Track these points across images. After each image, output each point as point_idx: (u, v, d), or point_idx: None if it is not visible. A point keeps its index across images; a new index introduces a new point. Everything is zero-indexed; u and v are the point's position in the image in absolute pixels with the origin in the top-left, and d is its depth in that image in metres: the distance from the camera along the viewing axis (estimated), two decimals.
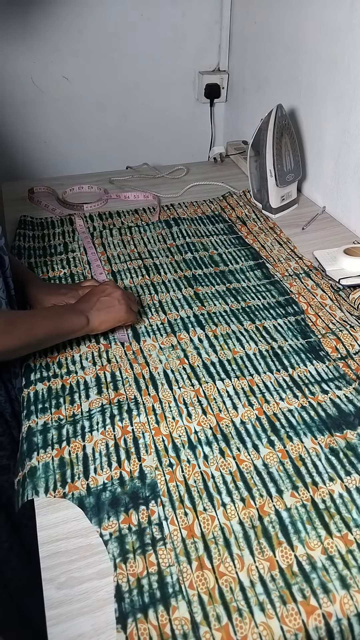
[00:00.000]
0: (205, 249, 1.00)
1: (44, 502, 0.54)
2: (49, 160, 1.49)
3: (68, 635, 0.43)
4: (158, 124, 1.57)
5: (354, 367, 0.71)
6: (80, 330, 0.70)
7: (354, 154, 1.00)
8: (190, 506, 0.53)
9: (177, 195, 1.22)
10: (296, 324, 0.80)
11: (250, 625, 0.44)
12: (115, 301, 0.73)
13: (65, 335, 0.69)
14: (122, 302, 0.73)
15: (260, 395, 0.66)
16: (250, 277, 0.91)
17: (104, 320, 0.72)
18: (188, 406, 0.65)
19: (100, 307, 0.71)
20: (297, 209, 1.16)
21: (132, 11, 1.36)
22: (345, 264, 0.90)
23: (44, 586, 0.47)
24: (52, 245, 1.00)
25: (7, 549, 0.74)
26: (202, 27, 1.45)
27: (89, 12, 1.32)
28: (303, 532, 0.51)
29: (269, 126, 1.02)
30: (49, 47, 1.33)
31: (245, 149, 1.37)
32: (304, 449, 0.59)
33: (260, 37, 1.30)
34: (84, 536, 0.51)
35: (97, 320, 0.71)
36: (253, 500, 0.54)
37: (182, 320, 0.80)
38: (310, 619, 0.44)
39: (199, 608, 0.45)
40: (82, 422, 0.62)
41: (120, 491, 0.54)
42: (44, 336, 0.65)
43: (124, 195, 1.21)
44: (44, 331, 0.64)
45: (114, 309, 0.72)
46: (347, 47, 0.96)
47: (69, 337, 0.70)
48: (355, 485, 0.55)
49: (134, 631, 0.44)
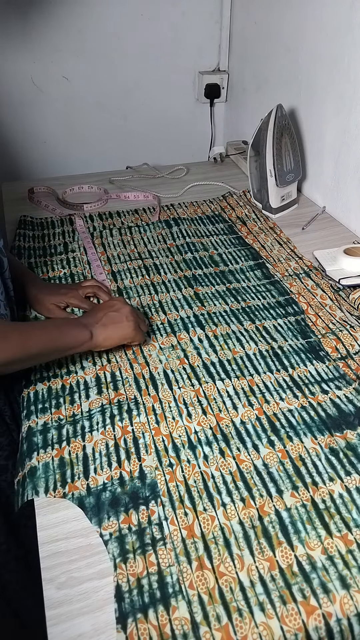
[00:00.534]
0: (205, 249, 1.00)
1: (44, 502, 0.54)
2: (49, 160, 1.49)
3: (68, 635, 0.43)
4: (158, 124, 1.57)
5: (354, 367, 0.71)
6: (82, 346, 0.66)
7: (354, 154, 1.00)
8: (190, 506, 0.53)
9: (177, 195, 1.22)
10: (296, 324, 0.80)
11: (250, 625, 0.44)
12: (123, 317, 0.69)
13: (65, 350, 0.65)
14: (130, 319, 0.69)
15: (260, 395, 0.66)
16: (250, 277, 0.91)
17: (109, 336, 0.68)
18: (188, 406, 0.65)
19: (107, 322, 0.68)
20: (297, 209, 1.16)
21: (132, 11, 1.36)
22: (345, 264, 0.90)
23: (44, 586, 0.47)
24: (52, 245, 1.00)
25: (4, 550, 0.74)
26: (202, 27, 1.45)
27: (89, 12, 1.32)
28: (303, 532, 0.51)
29: (269, 126, 1.02)
30: (49, 47, 1.33)
31: (245, 149, 1.37)
32: (304, 449, 0.59)
33: (260, 37, 1.31)
34: (84, 536, 0.51)
35: (101, 335, 0.67)
36: (253, 500, 0.54)
37: (182, 320, 0.80)
38: (310, 619, 0.44)
39: (199, 608, 0.45)
40: (82, 422, 0.62)
41: (120, 491, 0.54)
42: (40, 350, 0.60)
43: (124, 195, 1.21)
44: (41, 345, 0.60)
45: (121, 325, 0.69)
46: (347, 47, 0.96)
47: (69, 353, 0.66)
48: (355, 485, 0.55)
49: (134, 631, 0.44)
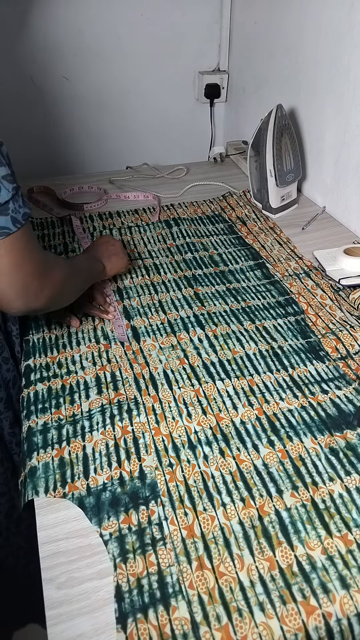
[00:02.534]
0: (205, 249, 1.00)
1: (44, 502, 0.54)
2: (49, 160, 1.49)
3: (68, 635, 0.43)
4: (158, 124, 1.57)
5: (354, 367, 0.71)
6: (99, 276, 0.80)
7: (354, 154, 1.00)
8: (190, 506, 0.53)
9: (177, 195, 1.22)
10: (296, 324, 0.80)
11: (250, 625, 0.44)
12: (119, 250, 0.85)
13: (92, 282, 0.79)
14: (124, 251, 0.86)
15: (260, 395, 0.66)
16: (250, 277, 0.91)
17: (113, 267, 0.83)
18: (188, 406, 0.65)
19: (109, 254, 0.82)
20: (297, 209, 1.16)
21: (132, 11, 1.35)
22: (345, 264, 0.90)
23: (44, 586, 0.47)
24: (52, 245, 1.00)
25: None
26: (202, 27, 1.45)
27: (89, 12, 1.32)
28: (303, 532, 0.51)
29: (269, 126, 1.02)
30: (49, 47, 1.33)
31: (245, 149, 1.37)
32: (304, 449, 0.59)
33: (260, 37, 1.30)
34: (84, 536, 0.51)
35: (109, 266, 0.82)
36: (253, 500, 0.54)
37: (182, 320, 0.80)
38: (310, 619, 0.44)
39: (199, 608, 0.45)
40: (82, 422, 0.62)
41: (120, 491, 0.54)
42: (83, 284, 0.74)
43: (124, 195, 1.21)
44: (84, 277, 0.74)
45: (119, 256, 0.84)
46: (347, 47, 0.96)
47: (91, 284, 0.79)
48: (355, 485, 0.55)
49: (133, 631, 0.44)
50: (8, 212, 0.52)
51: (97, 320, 0.80)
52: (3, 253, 0.53)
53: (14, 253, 0.54)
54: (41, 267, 0.58)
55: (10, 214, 0.52)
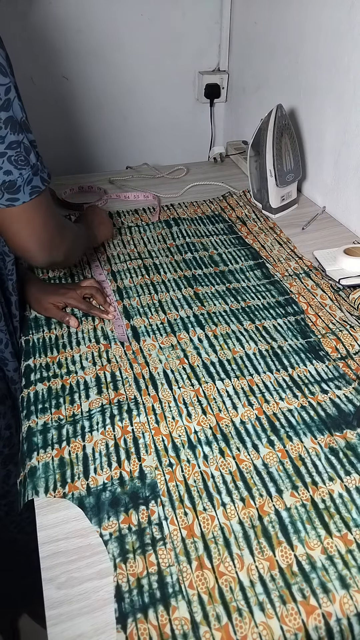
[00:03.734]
0: (205, 249, 1.00)
1: (44, 502, 0.54)
2: (50, 160, 1.48)
3: (68, 635, 0.43)
4: (158, 124, 1.57)
5: (353, 367, 0.71)
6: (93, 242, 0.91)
7: (354, 154, 1.00)
8: (190, 506, 0.53)
9: (177, 195, 1.22)
10: (296, 324, 0.80)
11: (250, 625, 0.44)
12: (105, 219, 0.95)
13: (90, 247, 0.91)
14: (109, 220, 0.96)
15: (260, 395, 0.66)
16: (250, 277, 0.91)
17: (102, 235, 0.93)
18: (188, 406, 0.65)
19: (97, 224, 0.92)
20: (297, 209, 1.16)
21: (132, 11, 1.35)
22: (345, 264, 0.90)
23: (44, 586, 0.47)
24: None
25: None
26: (202, 27, 1.45)
27: (88, 12, 1.32)
28: (303, 532, 0.51)
29: (269, 126, 1.02)
30: (49, 47, 1.33)
31: (245, 149, 1.37)
32: (304, 448, 0.59)
33: (260, 37, 1.30)
34: (84, 536, 0.51)
35: (99, 234, 0.92)
36: (253, 500, 0.54)
37: (182, 320, 0.80)
38: (310, 619, 0.44)
39: (199, 608, 0.45)
40: (82, 422, 0.62)
41: (120, 491, 0.54)
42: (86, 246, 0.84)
43: (124, 195, 1.21)
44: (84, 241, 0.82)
45: (106, 225, 0.94)
46: (347, 47, 0.96)
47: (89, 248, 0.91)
48: (355, 485, 0.55)
49: (133, 631, 0.44)
50: (38, 173, 0.58)
51: (97, 320, 0.80)
52: (37, 209, 0.60)
53: (42, 210, 0.61)
54: (61, 222, 0.66)
55: (39, 174, 0.58)
